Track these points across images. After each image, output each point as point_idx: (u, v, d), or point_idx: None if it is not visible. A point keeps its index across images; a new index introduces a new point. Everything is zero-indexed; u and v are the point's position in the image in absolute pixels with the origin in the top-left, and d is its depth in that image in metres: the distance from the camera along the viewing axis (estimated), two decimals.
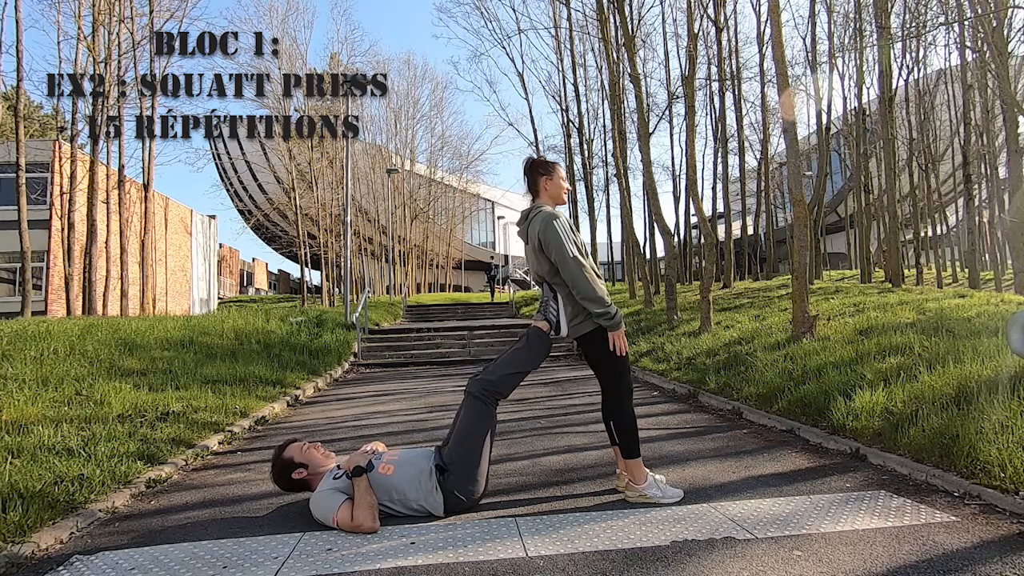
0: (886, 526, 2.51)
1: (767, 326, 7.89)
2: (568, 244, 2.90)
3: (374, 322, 14.49)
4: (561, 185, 3.11)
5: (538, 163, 3.14)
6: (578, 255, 2.91)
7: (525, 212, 3.13)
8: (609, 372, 3.00)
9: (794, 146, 7.48)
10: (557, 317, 3.01)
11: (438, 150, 35.77)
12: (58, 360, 6.73)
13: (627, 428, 2.97)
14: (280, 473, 3.01)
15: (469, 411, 2.95)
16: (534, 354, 3.08)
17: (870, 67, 18.91)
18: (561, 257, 2.89)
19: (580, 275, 2.87)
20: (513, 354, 3.07)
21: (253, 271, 54.82)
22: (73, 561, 2.48)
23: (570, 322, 2.98)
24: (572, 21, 20.72)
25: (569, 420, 5.08)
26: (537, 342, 3.05)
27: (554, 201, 3.11)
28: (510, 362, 3.03)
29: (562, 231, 2.92)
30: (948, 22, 14.25)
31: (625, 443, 2.97)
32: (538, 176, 3.10)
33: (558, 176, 3.11)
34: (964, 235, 23.93)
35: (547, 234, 2.92)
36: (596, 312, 2.86)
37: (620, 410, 2.99)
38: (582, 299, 2.88)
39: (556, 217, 2.97)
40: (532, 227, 3.01)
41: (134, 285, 19.28)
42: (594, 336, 2.95)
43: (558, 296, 3.01)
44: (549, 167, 3.12)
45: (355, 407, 6.54)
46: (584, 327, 2.96)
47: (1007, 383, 3.68)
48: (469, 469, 2.85)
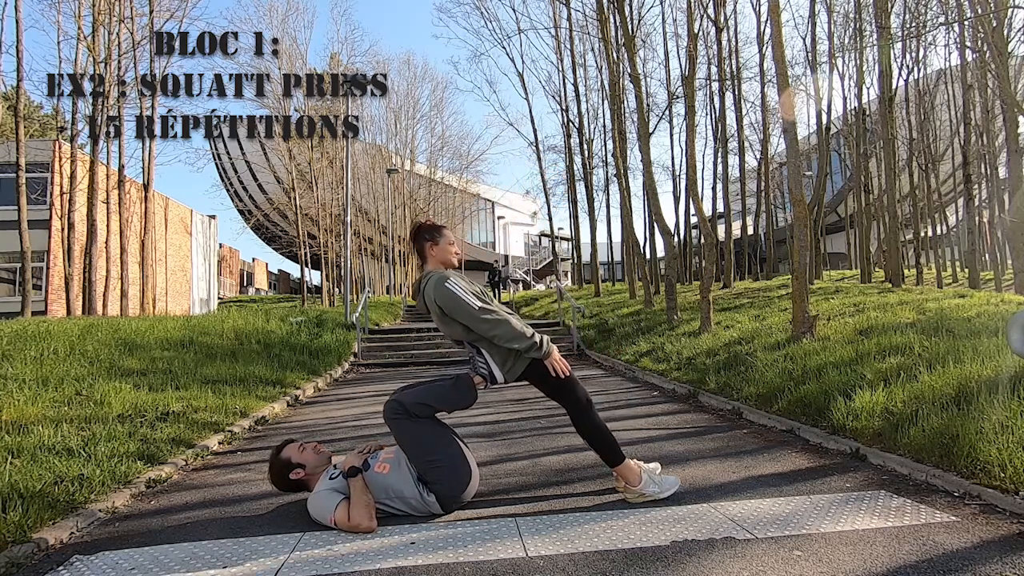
0: (886, 526, 2.51)
1: (767, 326, 7.89)
2: (468, 298, 2.84)
3: (374, 322, 14.49)
4: (448, 250, 3.03)
5: (423, 229, 3.06)
6: (482, 304, 2.86)
7: (416, 284, 3.07)
8: (561, 393, 2.99)
9: (794, 146, 7.48)
10: (489, 369, 2.95)
11: (438, 150, 35.76)
12: (58, 360, 6.73)
13: (601, 438, 2.97)
14: (278, 474, 3.01)
15: (401, 433, 2.89)
16: (456, 397, 2.99)
17: (870, 67, 18.94)
18: (466, 314, 2.83)
19: (492, 322, 2.83)
20: (435, 387, 3.00)
21: (253, 271, 54.82)
22: (73, 561, 2.48)
23: (503, 368, 2.92)
24: (572, 21, 20.74)
25: (569, 420, 5.06)
26: (464, 389, 2.98)
27: (444, 265, 3.03)
28: (428, 393, 2.95)
29: (457, 289, 2.85)
30: (948, 22, 14.25)
31: (605, 453, 2.98)
32: (424, 243, 3.03)
33: (445, 241, 3.03)
34: (964, 235, 23.93)
35: (444, 299, 2.86)
36: (523, 348, 2.83)
37: (587, 423, 2.99)
38: (506, 343, 2.83)
39: (447, 278, 2.89)
40: (427, 295, 2.95)
41: (134, 285, 19.28)
42: (531, 370, 2.92)
43: (482, 351, 2.95)
44: (434, 232, 3.03)
45: (355, 407, 6.54)
46: (518, 367, 2.91)
47: (1007, 383, 3.68)
48: (440, 472, 2.84)
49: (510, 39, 30.44)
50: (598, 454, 3.00)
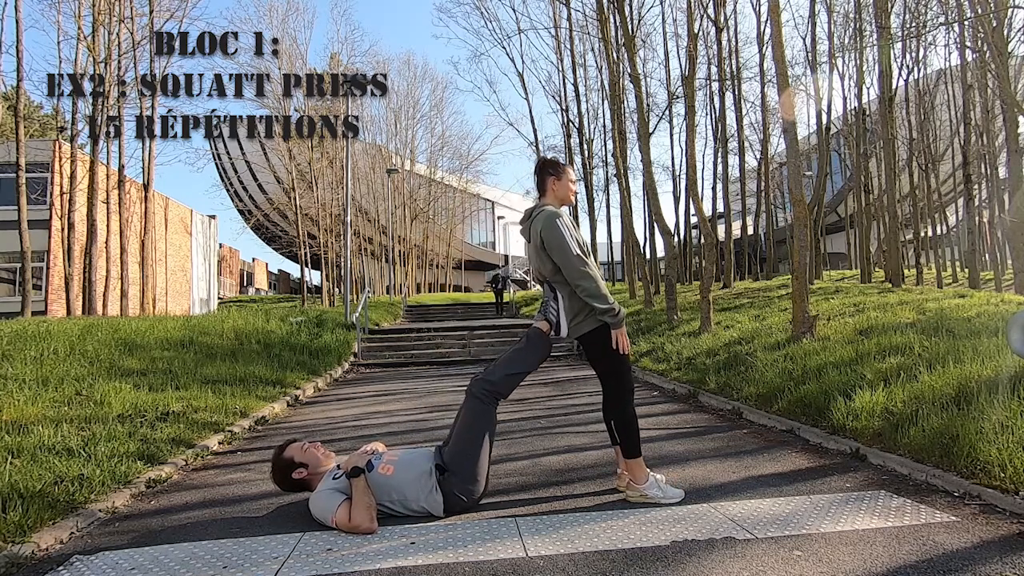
0: (886, 526, 2.51)
1: (767, 326, 7.89)
2: (571, 242, 2.90)
3: (374, 322, 14.49)
4: (569, 187, 3.12)
5: (548, 163, 3.15)
6: (581, 253, 2.91)
7: (528, 211, 3.13)
8: (610, 371, 3.00)
9: (794, 146, 7.48)
10: (557, 317, 3.00)
11: (438, 150, 35.78)
12: (58, 360, 6.73)
13: (628, 427, 2.96)
14: (280, 473, 3.01)
15: (470, 411, 2.95)
16: (534, 354, 3.08)
17: (870, 67, 18.93)
18: (564, 255, 2.89)
19: (584, 273, 2.87)
20: (513, 354, 3.07)
21: (253, 271, 54.82)
22: (73, 561, 2.48)
23: (571, 322, 2.97)
24: (572, 21, 20.72)
25: (569, 420, 5.08)
26: (537, 342, 3.05)
27: (560, 202, 3.11)
28: (510, 363, 3.03)
29: (565, 230, 2.92)
30: (948, 22, 14.25)
31: (626, 442, 2.96)
32: (547, 176, 3.10)
33: (567, 178, 3.12)
34: (964, 235, 23.93)
35: (550, 232, 2.91)
36: (601, 309, 2.86)
37: (621, 409, 2.98)
38: (587, 296, 2.87)
39: (559, 216, 2.97)
40: (535, 225, 3.01)
41: (134, 285, 19.28)
42: (596, 335, 2.94)
43: (558, 296, 3.00)
44: (559, 168, 3.13)
45: (355, 407, 6.53)
46: (585, 326, 2.95)
47: (1007, 383, 3.68)
48: (469, 469, 2.85)
49: (510, 39, 30.47)
50: (620, 442, 2.98)
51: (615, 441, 3.02)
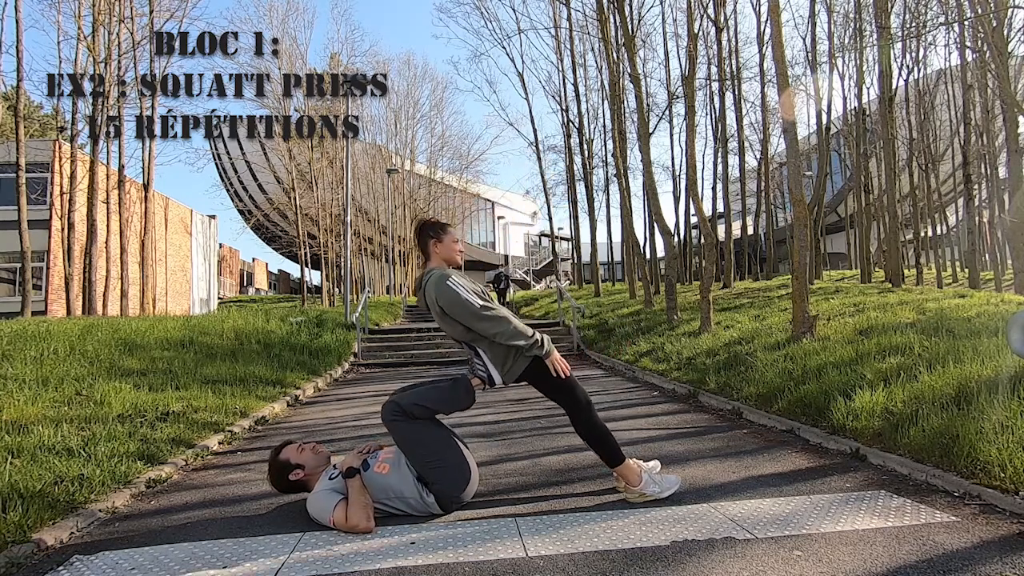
0: (886, 526, 2.51)
1: (767, 326, 7.89)
2: (469, 296, 2.83)
3: (374, 322, 14.49)
4: (453, 247, 3.03)
5: (427, 225, 3.04)
6: (483, 303, 2.85)
7: (417, 280, 3.05)
8: (560, 394, 2.98)
9: (794, 146, 7.48)
10: (487, 371, 2.94)
11: (438, 150, 35.74)
12: (58, 360, 6.73)
13: (601, 439, 2.97)
14: (277, 475, 3.01)
15: (394, 434, 2.89)
16: (453, 399, 2.97)
17: (870, 67, 18.94)
18: (466, 311, 2.82)
19: (492, 319, 2.81)
20: (433, 389, 2.98)
21: (253, 271, 54.81)
22: (73, 561, 2.48)
23: (502, 370, 2.91)
24: (572, 21, 20.74)
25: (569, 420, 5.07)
26: (461, 390, 2.96)
27: (448, 263, 3.02)
28: (425, 395, 2.93)
29: (457, 288, 2.84)
30: (948, 22, 14.25)
31: (605, 453, 2.97)
32: (428, 240, 3.01)
33: (449, 239, 3.02)
34: (964, 235, 23.93)
35: (445, 297, 2.84)
36: (526, 346, 2.83)
37: (587, 424, 2.98)
38: (507, 340, 2.81)
39: (447, 276, 2.87)
40: (428, 293, 2.93)
41: (134, 285, 19.27)
42: (532, 370, 2.91)
43: (480, 351, 2.94)
44: (439, 230, 3.02)
45: (355, 407, 6.54)
46: (517, 368, 2.90)
47: (1007, 383, 3.67)
48: (441, 474, 2.83)
49: (510, 39, 30.49)
50: (598, 455, 3.00)
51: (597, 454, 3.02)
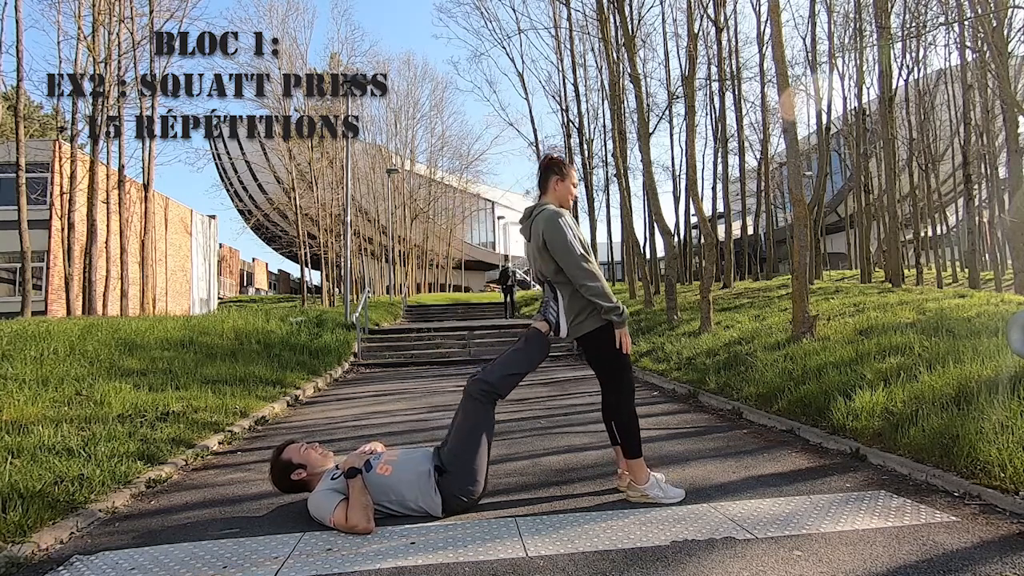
0: (886, 526, 2.51)
1: (767, 326, 7.89)
2: (575, 242, 2.88)
3: (374, 322, 14.49)
4: (570, 189, 3.10)
5: (554, 162, 3.12)
6: (585, 253, 2.89)
7: (528, 209, 3.10)
8: (611, 371, 2.98)
9: (794, 146, 7.48)
10: (557, 318, 2.98)
11: (438, 150, 35.77)
12: (58, 360, 6.73)
13: (629, 428, 2.95)
14: (279, 475, 3.01)
15: (467, 412, 2.94)
16: (532, 355, 3.06)
17: (870, 67, 18.93)
18: (568, 255, 2.87)
19: (588, 272, 2.85)
20: (512, 355, 3.05)
21: (253, 271, 54.82)
22: (73, 561, 2.48)
23: (571, 322, 2.95)
24: (572, 21, 20.72)
25: (569, 420, 5.08)
26: (536, 343, 3.04)
27: (560, 203, 3.08)
28: (509, 363, 3.01)
29: (568, 229, 2.90)
30: (948, 22, 14.25)
31: (627, 443, 2.95)
32: (551, 176, 3.08)
33: (570, 180, 3.10)
34: (964, 235, 23.93)
35: (553, 232, 2.89)
36: (607, 307, 2.85)
37: (622, 409, 2.97)
38: (592, 296, 2.85)
39: (561, 215, 2.95)
40: (536, 225, 2.98)
41: (134, 285, 19.27)
42: (597, 335, 2.93)
43: (559, 296, 2.98)
44: (563, 169, 3.10)
45: (355, 407, 6.53)
46: (586, 326, 2.93)
47: (1007, 383, 3.67)
48: (468, 470, 2.85)
49: (510, 39, 30.48)
50: (620, 442, 2.97)
51: (615, 441, 3.01)
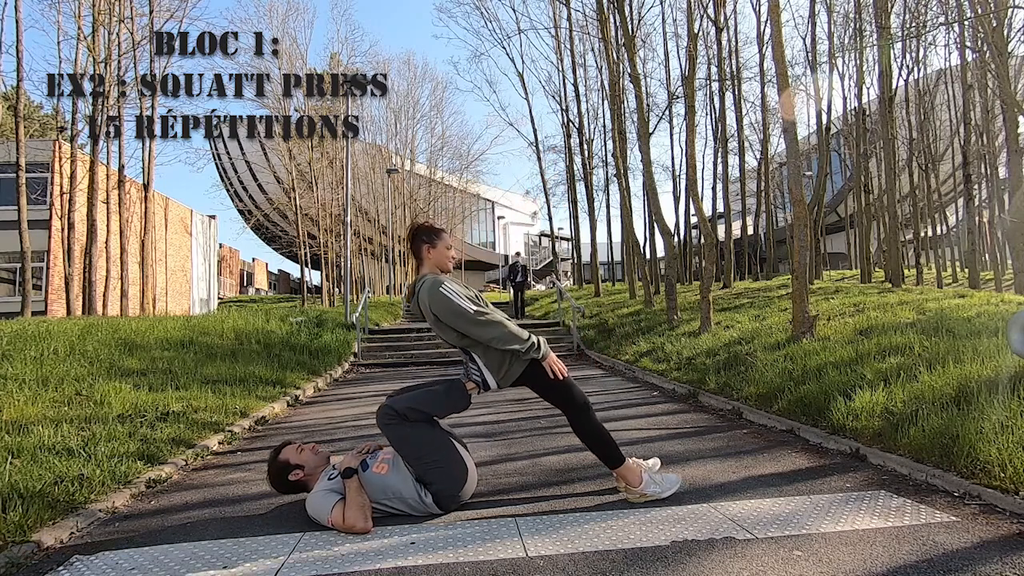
0: (886, 526, 2.51)
1: (767, 326, 7.89)
2: (463, 302, 2.81)
3: (374, 322, 14.49)
4: (445, 254, 2.99)
5: (422, 230, 3.00)
6: (478, 308, 2.82)
7: (411, 286, 3.02)
8: (558, 396, 2.97)
9: (794, 146, 7.48)
10: (481, 376, 2.92)
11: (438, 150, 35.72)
12: (58, 360, 6.73)
13: (599, 440, 2.96)
14: (276, 475, 3.01)
15: (390, 437, 2.87)
16: (450, 401, 2.96)
17: (870, 67, 18.93)
18: (460, 317, 2.80)
19: (487, 323, 2.80)
20: (427, 393, 2.96)
21: (253, 271, 54.82)
22: (73, 561, 2.48)
23: (498, 376, 2.89)
24: (572, 21, 20.73)
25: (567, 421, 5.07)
26: (456, 392, 2.95)
27: (440, 269, 2.99)
28: (420, 399, 2.91)
29: (451, 293, 2.81)
30: (948, 22, 14.25)
31: (604, 455, 2.96)
32: (421, 244, 2.98)
33: (443, 244, 2.99)
34: (964, 235, 23.93)
35: (438, 303, 2.82)
36: (523, 350, 2.82)
37: (586, 426, 2.96)
38: (502, 345, 2.80)
39: (439, 283, 2.85)
40: (421, 299, 2.91)
41: (134, 285, 19.27)
42: (529, 373, 2.90)
43: (475, 357, 2.92)
44: (432, 235, 2.99)
45: (355, 407, 6.54)
46: (514, 371, 2.88)
47: (1007, 383, 3.67)
48: (439, 474, 2.83)
49: (510, 39, 30.39)
50: (597, 456, 3.00)
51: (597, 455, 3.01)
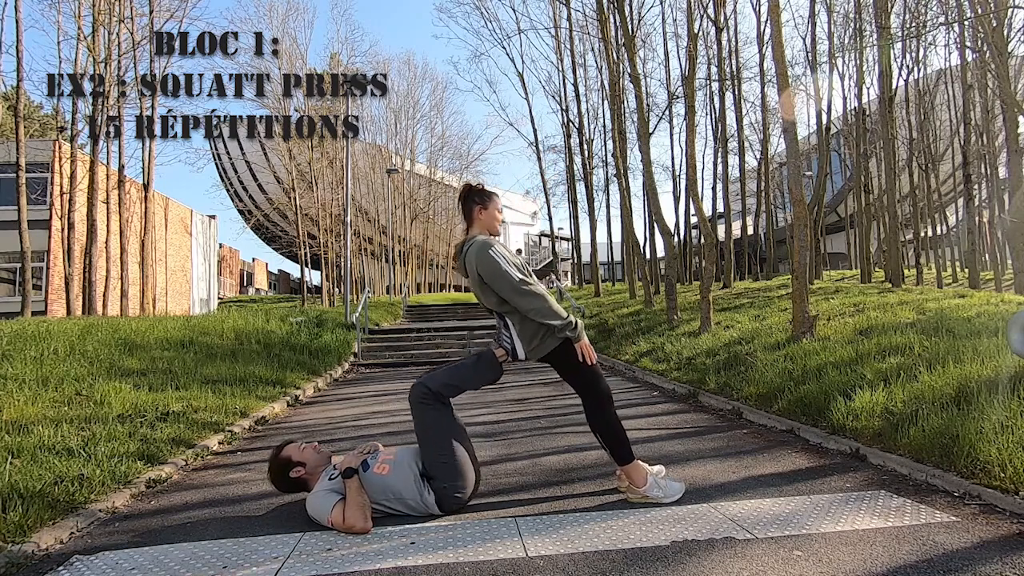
0: (886, 526, 2.51)
1: (767, 326, 7.89)
2: (510, 269, 2.82)
3: (374, 322, 14.49)
4: (495, 216, 3.02)
5: (474, 191, 3.03)
6: (522, 277, 2.84)
7: (459, 245, 3.03)
8: (583, 383, 2.96)
9: (794, 146, 7.48)
10: (512, 344, 2.93)
11: (438, 150, 35.78)
12: (58, 360, 6.73)
13: (614, 434, 2.94)
14: (277, 472, 3.00)
15: (418, 418, 2.90)
16: (481, 374, 2.99)
17: (870, 67, 18.94)
18: (505, 282, 2.81)
19: (530, 294, 2.80)
20: (459, 368, 2.99)
21: (253, 271, 54.83)
22: (73, 561, 2.48)
23: (527, 346, 2.90)
24: (572, 21, 20.73)
25: (569, 420, 5.07)
26: (487, 362, 2.97)
27: (488, 231, 3.01)
28: (454, 374, 2.94)
29: (499, 258, 2.83)
30: (948, 22, 14.25)
31: (615, 450, 2.95)
32: (472, 205, 3.01)
33: (493, 207, 3.02)
34: (964, 235, 23.93)
35: (484, 263, 2.83)
36: (558, 326, 2.81)
37: (603, 418, 2.95)
38: (540, 317, 2.80)
39: (490, 245, 2.87)
40: (468, 259, 2.92)
41: (134, 285, 19.27)
42: (559, 352, 2.90)
43: (509, 324, 2.93)
44: (485, 197, 3.02)
45: (355, 407, 6.54)
46: (546, 346, 2.88)
47: (1007, 383, 3.67)
48: (447, 469, 2.84)
49: (510, 39, 30.38)
50: (608, 450, 2.96)
51: (606, 449, 3.01)
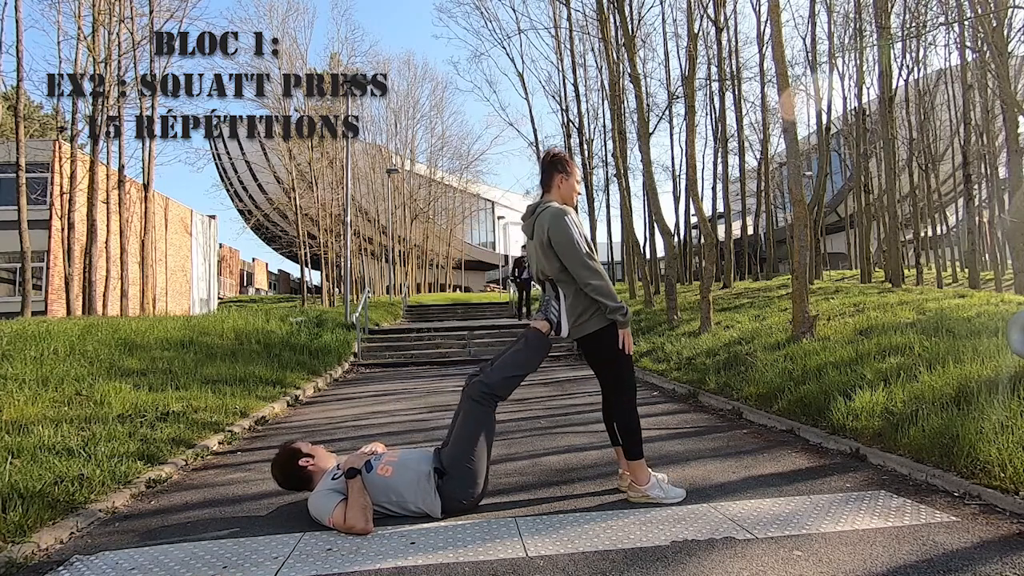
0: (886, 526, 2.51)
1: (767, 326, 7.89)
2: (580, 240, 2.83)
3: (374, 322, 14.49)
4: (574, 188, 3.02)
5: (558, 159, 3.01)
6: (588, 251, 2.85)
7: (532, 206, 3.02)
8: (613, 372, 2.95)
9: (794, 146, 7.48)
10: (559, 317, 2.94)
11: (438, 150, 35.78)
12: (58, 360, 6.73)
13: (631, 429, 2.93)
14: (286, 461, 2.99)
15: (467, 414, 2.92)
16: (533, 356, 3.02)
17: (870, 67, 18.94)
18: (573, 253, 2.81)
19: (594, 271, 2.81)
20: (512, 356, 3.01)
21: (253, 271, 54.84)
22: (73, 561, 2.48)
23: (573, 322, 2.90)
24: (572, 21, 20.71)
25: (569, 420, 5.08)
26: (536, 343, 3.00)
27: (564, 200, 3.01)
28: (509, 364, 2.97)
29: (572, 226, 2.84)
30: (948, 22, 14.26)
31: (629, 444, 2.93)
32: (555, 173, 3.00)
33: (574, 177, 3.02)
34: (964, 235, 23.93)
35: (557, 229, 2.82)
36: (611, 307, 2.80)
37: (624, 411, 2.94)
38: (596, 295, 2.80)
39: (566, 212, 2.88)
40: (540, 221, 2.91)
41: (134, 285, 19.27)
42: (599, 335, 2.88)
43: (561, 295, 2.93)
44: (568, 166, 3.01)
45: (355, 407, 6.53)
46: (590, 326, 2.87)
47: (1007, 383, 3.67)
48: (468, 472, 2.84)
49: (510, 39, 30.40)
50: (622, 443, 2.95)
51: (616, 442, 2.99)
